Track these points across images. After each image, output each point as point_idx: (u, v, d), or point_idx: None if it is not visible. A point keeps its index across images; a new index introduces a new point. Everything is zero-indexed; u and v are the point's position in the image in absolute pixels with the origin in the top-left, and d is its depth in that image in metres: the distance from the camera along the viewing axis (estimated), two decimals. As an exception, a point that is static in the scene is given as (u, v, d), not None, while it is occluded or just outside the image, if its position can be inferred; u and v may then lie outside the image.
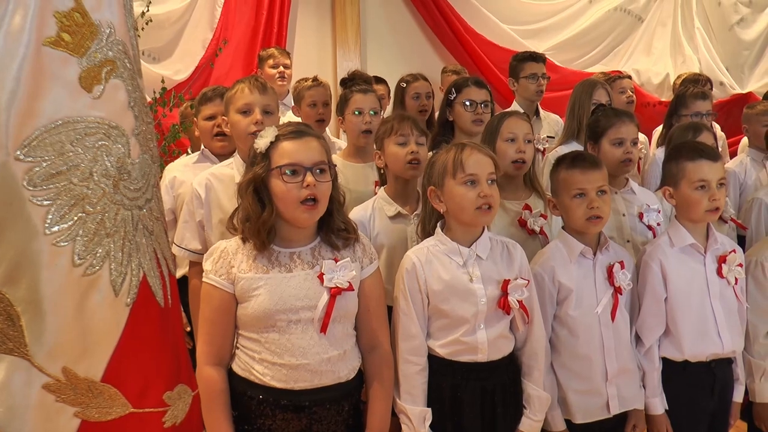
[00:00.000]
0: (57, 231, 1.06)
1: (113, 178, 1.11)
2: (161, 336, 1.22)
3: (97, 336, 1.11)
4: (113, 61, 1.12)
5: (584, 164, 2.22)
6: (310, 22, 5.33)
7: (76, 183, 1.07)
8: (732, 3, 5.65)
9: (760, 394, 2.46)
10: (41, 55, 1.04)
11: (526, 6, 5.74)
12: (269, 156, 1.89)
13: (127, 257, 1.12)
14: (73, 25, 1.06)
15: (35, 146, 1.04)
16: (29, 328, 1.06)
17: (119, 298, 1.12)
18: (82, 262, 1.08)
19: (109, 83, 1.12)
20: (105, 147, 1.10)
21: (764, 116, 3.65)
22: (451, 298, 2.03)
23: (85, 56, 1.08)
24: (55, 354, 1.07)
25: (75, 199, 1.06)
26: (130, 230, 1.13)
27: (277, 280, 1.88)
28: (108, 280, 1.11)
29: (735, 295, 2.34)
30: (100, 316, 1.10)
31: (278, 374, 1.86)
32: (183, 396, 1.23)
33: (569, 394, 2.23)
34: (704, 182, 2.27)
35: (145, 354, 1.17)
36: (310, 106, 3.64)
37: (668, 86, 5.45)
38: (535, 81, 3.83)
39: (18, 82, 1.02)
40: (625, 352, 2.27)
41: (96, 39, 1.10)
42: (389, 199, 2.51)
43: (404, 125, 2.50)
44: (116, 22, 1.13)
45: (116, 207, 1.11)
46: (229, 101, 2.52)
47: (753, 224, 3.02)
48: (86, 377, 1.09)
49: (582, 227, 2.22)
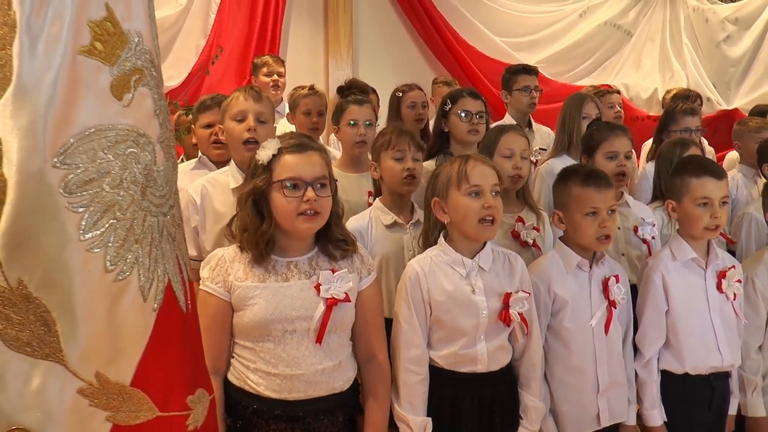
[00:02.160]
0: (90, 237, 1.07)
1: (141, 185, 1.13)
2: (183, 341, 1.23)
3: (126, 341, 1.12)
4: (141, 69, 1.14)
5: (599, 182, 2.23)
6: (303, 31, 5.36)
7: (107, 190, 1.08)
8: (719, 20, 5.76)
9: (752, 409, 2.50)
10: (76, 63, 1.06)
11: (518, 18, 5.81)
12: (271, 168, 1.90)
13: (153, 263, 1.14)
14: (105, 34, 1.08)
15: (70, 153, 1.05)
16: (64, 334, 1.07)
17: (147, 303, 1.14)
18: (113, 268, 1.09)
19: (137, 91, 1.13)
20: (134, 154, 1.12)
21: (756, 133, 3.71)
22: (453, 309, 2.05)
23: (116, 65, 1.10)
24: (89, 359, 1.09)
25: (107, 206, 1.08)
26: (156, 236, 1.15)
27: (274, 289, 1.89)
28: (137, 286, 1.12)
29: (734, 310, 2.37)
30: (130, 321, 1.12)
31: (272, 384, 1.87)
32: (202, 400, 1.25)
33: (561, 405, 2.25)
34: (707, 199, 2.30)
35: (170, 358, 1.18)
36: (304, 114, 3.67)
37: (657, 101, 5.54)
38: (527, 93, 3.87)
39: (54, 90, 1.04)
40: (617, 365, 2.29)
41: (126, 48, 1.11)
42: (385, 209, 2.54)
43: (402, 140, 2.53)
44: (144, 32, 1.15)
45: (144, 213, 1.13)
46: (225, 109, 2.56)
47: (743, 239, 3.06)
48: (117, 381, 1.11)
49: (591, 245, 2.23)
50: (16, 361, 1.06)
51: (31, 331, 1.06)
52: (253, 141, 2.45)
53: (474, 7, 5.66)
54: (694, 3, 5.88)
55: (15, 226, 1.03)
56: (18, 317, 1.05)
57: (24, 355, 1.06)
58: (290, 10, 5.24)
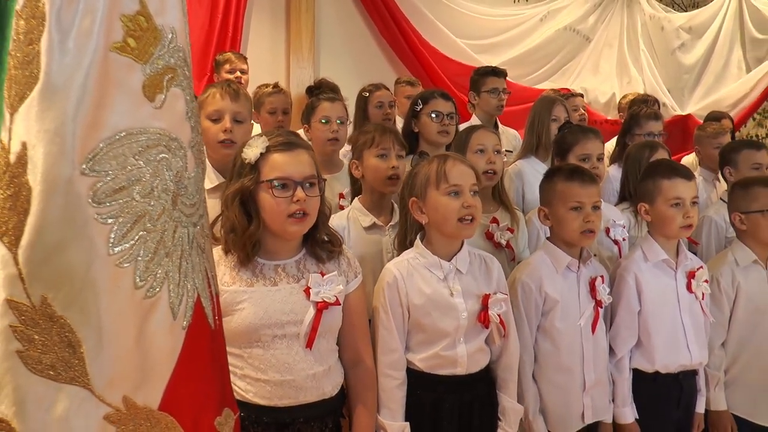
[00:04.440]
0: (120, 251, 0.98)
1: (173, 193, 1.04)
2: (212, 359, 1.14)
3: (155, 362, 1.03)
4: (174, 68, 1.05)
5: (583, 178, 2.28)
6: (265, 28, 5.25)
7: (138, 199, 0.99)
8: (674, 29, 5.91)
9: (715, 403, 2.58)
10: (108, 61, 0.97)
11: (480, 21, 5.83)
12: (258, 168, 1.84)
13: (183, 278, 1.05)
14: (138, 29, 0.99)
15: (99, 159, 0.96)
16: (90, 356, 0.98)
17: (177, 321, 1.05)
18: (143, 284, 1.00)
19: (170, 92, 1.05)
20: (165, 160, 1.03)
21: (714, 138, 3.81)
22: (432, 312, 2.04)
23: (149, 63, 1.01)
24: (116, 382, 1.00)
25: (137, 216, 0.99)
26: (187, 249, 1.06)
27: (262, 293, 1.83)
28: (167, 303, 1.03)
29: (702, 309, 2.45)
30: (159, 340, 1.03)
31: (262, 391, 1.82)
32: (228, 420, 1.17)
33: (549, 404, 2.28)
34: (679, 200, 2.37)
35: (199, 379, 1.10)
36: (269, 113, 3.63)
37: (614, 105, 5.65)
38: (496, 95, 3.89)
39: (84, 90, 0.94)
40: (602, 364, 2.35)
41: (159, 45, 1.02)
42: (364, 210, 2.50)
43: (385, 138, 2.49)
44: (177, 28, 1.06)
45: (174, 224, 1.04)
46: (200, 106, 2.44)
47: (704, 241, 3.15)
48: (145, 406, 1.02)
49: (575, 240, 2.27)
50: (39, 385, 0.97)
51: (54, 353, 0.96)
52: (229, 141, 2.38)
53: (436, 8, 5.66)
54: (650, 11, 6.03)
55: (40, 239, 0.94)
56: (41, 338, 0.96)
57: (47, 380, 0.97)
58: (251, 7, 5.13)
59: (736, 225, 2.67)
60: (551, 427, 2.27)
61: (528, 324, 2.24)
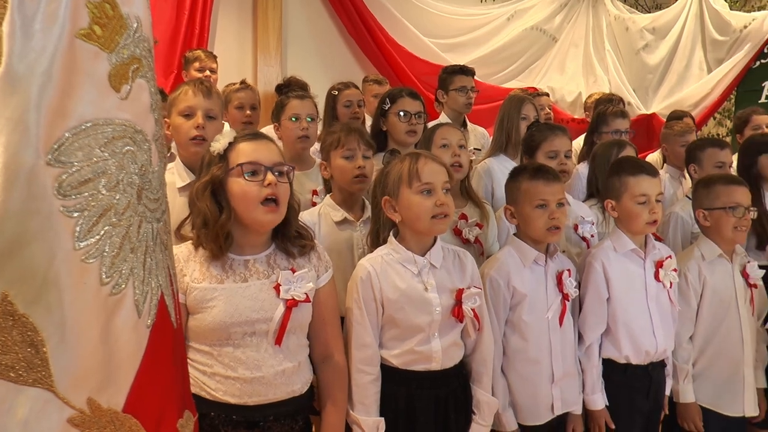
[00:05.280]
0: (85, 246, 0.94)
1: (137, 187, 1.00)
2: (174, 359, 1.10)
3: (120, 362, 1.00)
4: (139, 59, 1.01)
5: (547, 176, 2.31)
6: (231, 26, 5.20)
7: (104, 192, 0.95)
8: (638, 29, 5.99)
9: (683, 395, 2.62)
10: (74, 48, 0.93)
11: (447, 20, 5.84)
12: (227, 157, 1.82)
13: (148, 274, 1.01)
14: (104, 17, 0.95)
15: (65, 150, 0.92)
16: (54, 356, 0.93)
17: (141, 319, 1.01)
18: (109, 280, 0.96)
19: (135, 83, 1.01)
20: (131, 153, 0.99)
21: (680, 136, 3.87)
22: (406, 307, 2.03)
23: (115, 52, 0.97)
24: (80, 383, 0.96)
25: (102, 210, 0.95)
26: (151, 245, 1.02)
27: (233, 290, 1.81)
28: (132, 300, 1.00)
29: (669, 298, 2.49)
30: (124, 339, 0.99)
31: (231, 389, 1.79)
32: (189, 423, 1.14)
33: (518, 397, 2.30)
34: (645, 196, 2.41)
35: (162, 380, 1.06)
36: (237, 109, 3.62)
37: (580, 104, 5.70)
38: (464, 94, 3.89)
39: (49, 77, 0.90)
40: (570, 356, 2.38)
41: (125, 34, 0.99)
42: (335, 206, 2.50)
43: (351, 139, 2.50)
44: (142, 16, 1.02)
45: (139, 219, 1.00)
46: (172, 103, 2.42)
47: (670, 236, 3.19)
48: (109, 408, 0.98)
49: (541, 237, 2.29)
50: None
51: (15, 354, 0.92)
52: (200, 138, 2.36)
53: (403, 7, 5.65)
54: (615, 12, 6.10)
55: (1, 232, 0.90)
56: (1, 338, 0.91)
57: (7, 382, 0.92)
58: (218, 5, 5.07)
59: (700, 221, 2.72)
60: (521, 419, 2.30)
61: (497, 318, 2.26)
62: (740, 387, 2.63)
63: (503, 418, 2.26)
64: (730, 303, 2.64)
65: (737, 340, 2.63)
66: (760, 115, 4.18)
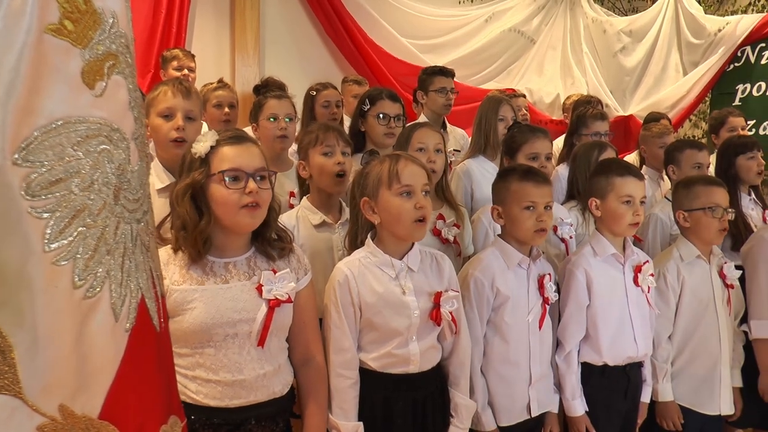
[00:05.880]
0: (57, 248, 0.90)
1: (114, 187, 0.96)
2: (157, 364, 1.07)
3: (95, 367, 0.96)
4: (116, 55, 0.97)
5: (537, 178, 2.32)
6: (209, 26, 5.15)
7: (77, 192, 0.91)
8: (615, 32, 6.03)
9: (662, 394, 2.64)
10: (43, 43, 0.88)
11: (425, 21, 5.83)
12: (208, 161, 1.80)
13: (126, 277, 0.98)
14: (76, 11, 0.91)
15: (34, 149, 0.88)
16: (23, 361, 0.89)
17: (119, 323, 0.97)
18: (82, 283, 0.92)
19: (111, 80, 0.97)
20: (107, 152, 0.95)
21: (659, 138, 3.90)
22: (384, 311, 2.03)
23: (88, 48, 0.93)
24: (51, 390, 0.91)
25: (75, 211, 0.91)
26: (130, 246, 0.99)
27: (213, 291, 1.79)
28: (108, 303, 0.96)
29: (647, 302, 2.51)
30: (99, 344, 0.95)
31: (213, 392, 1.78)
32: (175, 428, 1.10)
33: (496, 397, 2.31)
34: (630, 197, 2.43)
35: (143, 385, 1.02)
36: (215, 107, 3.62)
37: (559, 105, 5.73)
38: (444, 95, 3.89)
39: (17, 74, 0.86)
40: (547, 358, 2.40)
41: (99, 29, 0.95)
42: (313, 208, 2.48)
43: (329, 136, 2.49)
44: (119, 12, 0.98)
45: (117, 220, 0.96)
46: (150, 104, 2.39)
47: (650, 238, 3.22)
48: (83, 414, 0.94)
49: (528, 238, 2.30)
50: None
51: None
52: (181, 140, 2.33)
53: (382, 8, 5.63)
54: (592, 14, 6.13)
55: None
56: None
57: None
58: (195, 4, 5.01)
59: (679, 222, 2.73)
60: (497, 420, 2.31)
61: (479, 318, 2.27)
62: (717, 386, 2.66)
63: (482, 417, 2.27)
64: (708, 303, 2.66)
65: (715, 340, 2.66)
66: (736, 117, 4.22)
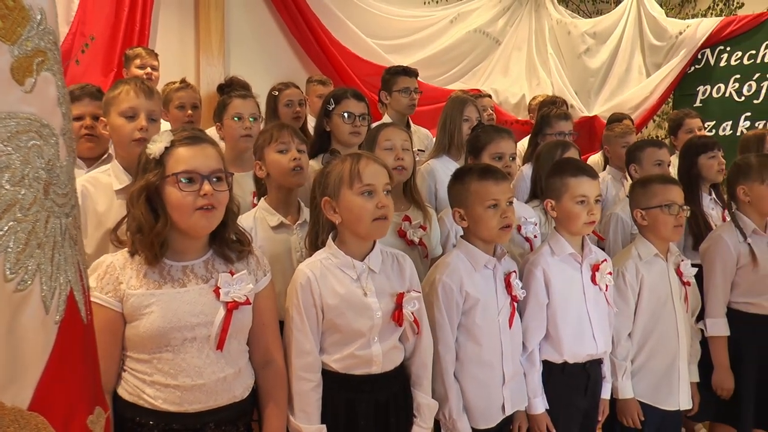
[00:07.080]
0: None
1: (44, 181, 0.96)
2: (83, 355, 1.06)
3: (26, 359, 0.95)
4: (44, 51, 0.97)
5: (496, 175, 2.31)
6: (173, 24, 5.09)
7: (7, 188, 0.91)
8: (579, 34, 6.10)
9: (622, 391, 2.66)
10: None
11: (390, 22, 5.85)
12: (163, 162, 1.78)
13: (56, 270, 0.97)
14: (4, 8, 0.90)
15: None
16: None
17: (49, 315, 0.97)
18: (14, 276, 0.92)
19: (40, 76, 0.97)
20: (37, 147, 0.95)
21: (623, 137, 3.96)
22: (346, 313, 2.01)
23: (17, 44, 0.92)
24: None
25: (6, 205, 0.90)
26: (59, 240, 0.98)
27: (170, 295, 1.77)
28: (39, 296, 0.95)
29: (606, 300, 2.53)
30: (30, 336, 0.95)
31: (171, 397, 1.75)
32: (99, 419, 1.10)
33: (472, 400, 2.29)
34: (584, 197, 2.43)
35: (71, 376, 1.02)
36: (178, 108, 3.58)
37: (524, 106, 5.78)
38: (407, 95, 3.90)
39: None
40: (518, 356, 2.40)
41: (27, 26, 0.94)
42: (271, 210, 2.46)
43: (284, 133, 2.49)
44: (46, 8, 0.98)
45: (47, 214, 0.96)
46: (111, 102, 2.34)
47: (611, 236, 3.25)
48: (13, 406, 0.94)
49: (494, 237, 2.29)
50: None
51: None
52: (144, 140, 2.29)
53: (346, 8, 5.63)
54: (557, 16, 6.20)
55: None
56: None
57: None
58: (159, 3, 4.95)
59: (637, 221, 2.76)
60: (474, 423, 2.28)
61: (450, 324, 2.24)
62: (676, 381, 2.69)
63: (458, 423, 2.24)
64: (666, 300, 2.69)
65: (673, 337, 2.69)
66: (692, 118, 4.29)
